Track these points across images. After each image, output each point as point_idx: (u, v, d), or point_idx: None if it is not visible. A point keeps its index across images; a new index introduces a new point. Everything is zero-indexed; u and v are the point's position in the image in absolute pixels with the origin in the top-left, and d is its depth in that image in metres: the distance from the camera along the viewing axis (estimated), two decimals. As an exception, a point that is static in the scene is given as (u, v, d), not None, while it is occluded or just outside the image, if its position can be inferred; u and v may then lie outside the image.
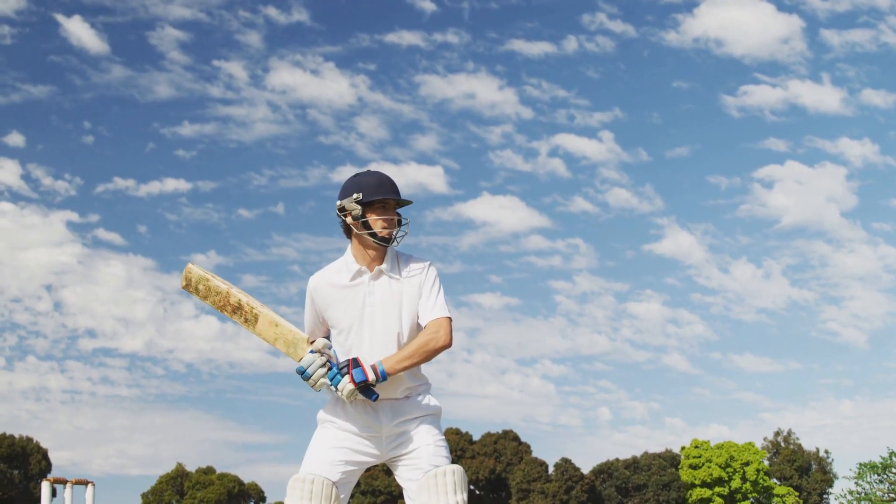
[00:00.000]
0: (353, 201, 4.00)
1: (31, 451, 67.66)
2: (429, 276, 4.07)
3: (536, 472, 69.20)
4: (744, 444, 71.20)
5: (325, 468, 4.00)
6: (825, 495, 73.49)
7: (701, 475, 69.12)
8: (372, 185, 4.02)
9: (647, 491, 70.66)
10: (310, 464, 4.02)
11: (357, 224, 4.01)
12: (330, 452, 4.03)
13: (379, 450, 4.07)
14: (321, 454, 4.04)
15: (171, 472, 72.26)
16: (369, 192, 4.00)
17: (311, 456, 4.05)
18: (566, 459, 70.78)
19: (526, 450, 71.77)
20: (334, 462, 4.02)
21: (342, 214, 4.06)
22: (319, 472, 3.97)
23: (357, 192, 4.01)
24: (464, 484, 3.97)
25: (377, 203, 4.01)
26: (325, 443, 4.07)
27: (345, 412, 4.08)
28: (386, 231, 4.00)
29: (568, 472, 69.83)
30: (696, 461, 70.03)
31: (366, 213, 4.00)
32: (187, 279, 4.25)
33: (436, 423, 4.14)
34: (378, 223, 4.00)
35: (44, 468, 67.54)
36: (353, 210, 3.99)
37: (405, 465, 4.04)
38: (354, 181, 4.06)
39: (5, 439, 66.70)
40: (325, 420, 4.13)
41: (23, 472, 67.11)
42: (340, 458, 4.03)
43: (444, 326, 3.97)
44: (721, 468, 69.06)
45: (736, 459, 69.41)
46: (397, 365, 3.89)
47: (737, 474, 69.11)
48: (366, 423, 4.05)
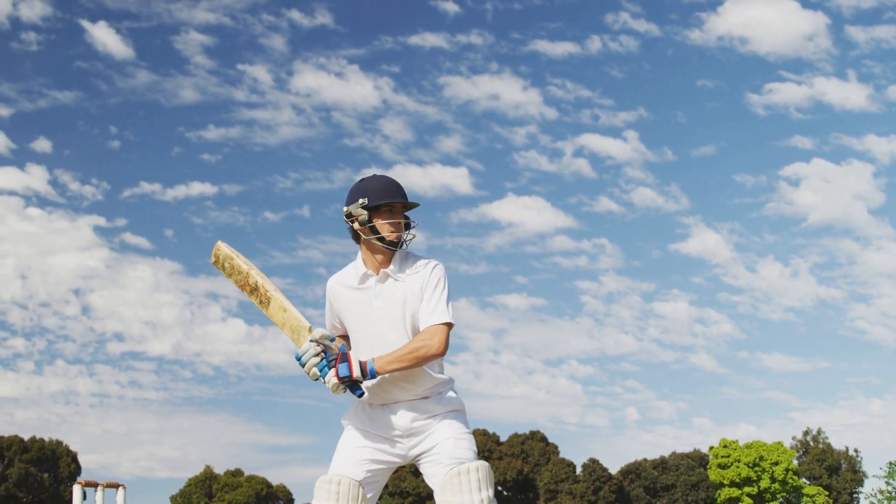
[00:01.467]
0: (358, 206, 3.97)
1: (61, 454, 68.03)
2: (431, 278, 3.98)
3: (564, 473, 69.03)
4: (773, 443, 70.76)
5: (350, 468, 3.98)
6: (855, 495, 72.98)
7: (730, 475, 68.74)
8: (377, 189, 4.00)
9: (676, 491, 70.39)
10: (336, 465, 4.03)
11: (364, 229, 3.98)
12: (355, 452, 4.03)
13: (401, 450, 4.03)
14: (346, 455, 4.04)
15: (200, 475, 72.54)
16: (375, 197, 3.97)
17: (337, 457, 4.06)
18: (594, 460, 70.61)
19: (553, 450, 71.62)
20: (359, 461, 4.01)
21: (349, 220, 4.04)
22: (345, 473, 3.97)
23: (362, 198, 3.98)
24: (489, 480, 3.89)
25: (383, 207, 3.98)
26: (350, 444, 4.07)
27: (366, 414, 4.08)
28: (394, 235, 3.97)
29: (596, 473, 69.62)
30: (725, 461, 69.64)
31: (372, 217, 3.98)
32: (216, 256, 4.36)
33: (458, 417, 4.07)
34: (385, 227, 3.97)
35: (73, 471, 67.94)
36: (360, 215, 3.97)
37: (428, 462, 3.98)
38: (359, 186, 4.04)
39: (35, 443, 67.11)
40: (349, 422, 4.15)
41: (52, 475, 67.51)
42: (365, 457, 4.02)
43: (439, 334, 3.87)
44: (750, 468, 68.67)
45: (765, 459, 68.99)
46: (387, 366, 3.82)
47: (766, 474, 68.70)
48: (385, 423, 4.02)
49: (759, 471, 68.81)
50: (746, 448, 70.14)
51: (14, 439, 66.23)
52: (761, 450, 69.72)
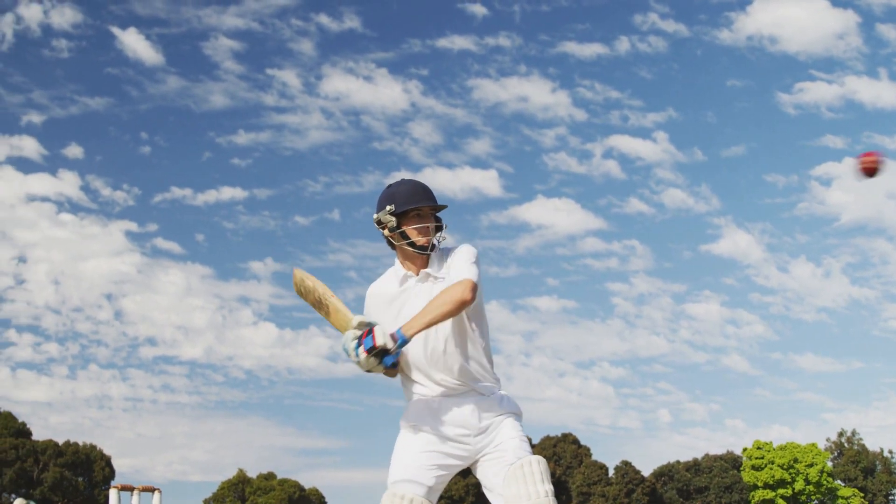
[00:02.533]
0: (387, 213, 3.98)
1: (95, 458, 68.44)
2: (457, 254, 3.98)
3: (596, 476, 68.86)
4: (806, 445, 70.34)
5: (419, 474, 3.84)
6: (891, 496, 72.51)
7: (763, 477, 68.37)
8: (404, 194, 3.99)
9: (709, 493, 70.06)
10: (402, 470, 3.87)
11: (395, 235, 3.99)
12: (421, 458, 3.88)
13: (468, 451, 3.92)
14: (413, 459, 3.89)
15: (233, 479, 72.78)
16: (402, 203, 3.97)
17: (400, 462, 3.90)
18: (626, 462, 70.41)
19: (586, 453, 71.46)
20: (427, 467, 3.87)
21: (380, 227, 4.05)
22: (414, 478, 3.83)
23: (390, 204, 3.98)
24: (549, 474, 3.87)
25: (411, 212, 3.98)
26: (414, 447, 3.91)
27: (432, 414, 3.95)
28: (424, 239, 3.97)
29: (628, 475, 69.40)
30: (759, 462, 69.26)
31: (401, 223, 3.98)
32: (295, 283, 4.29)
33: (518, 419, 4.05)
34: (414, 232, 3.97)
35: (107, 475, 68.35)
36: (389, 222, 3.97)
37: (490, 459, 3.90)
38: (387, 193, 4.04)
39: (69, 447, 67.56)
40: (410, 424, 3.99)
41: (87, 479, 67.94)
42: (434, 462, 3.89)
43: (463, 283, 3.79)
44: (784, 469, 68.25)
45: (799, 461, 68.54)
46: (415, 325, 3.73)
47: (800, 476, 68.28)
48: (455, 422, 3.91)
49: (793, 473, 68.39)
50: (780, 450, 69.73)
51: (49, 443, 66.69)
52: (795, 451, 69.30)
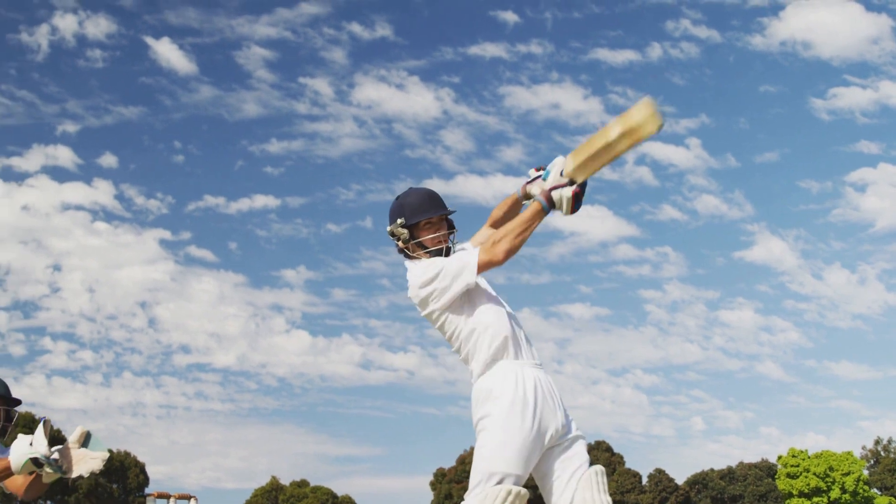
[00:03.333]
0: (398, 226, 4.06)
1: (129, 465, 68.78)
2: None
3: (630, 484, 68.47)
4: (842, 453, 69.54)
5: (524, 468, 3.72)
6: (928, 505, 71.55)
7: (798, 485, 67.64)
8: (413, 206, 4.07)
9: (744, 501, 69.56)
10: (509, 461, 3.70)
11: (410, 245, 4.08)
12: (528, 452, 3.73)
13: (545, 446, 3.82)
14: (522, 450, 3.72)
15: (266, 486, 73.00)
16: (411, 215, 4.05)
17: (511, 451, 3.71)
18: (660, 470, 70.03)
19: (619, 461, 71.08)
20: (529, 463, 3.74)
21: (394, 239, 4.12)
22: (520, 473, 3.70)
23: (400, 217, 4.06)
24: None
25: (422, 223, 4.06)
26: (521, 436, 3.72)
27: (537, 397, 3.81)
28: (439, 246, 4.06)
29: (662, 483, 69.00)
30: (794, 470, 68.58)
31: (414, 233, 4.07)
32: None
33: None
34: (429, 241, 4.06)
35: (141, 482, 68.67)
36: (402, 234, 4.05)
37: (562, 454, 3.83)
38: (396, 205, 4.11)
39: (104, 454, 67.92)
40: (518, 402, 3.78)
41: (121, 486, 68.29)
42: (532, 460, 3.76)
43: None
44: (819, 478, 67.53)
45: (835, 469, 67.83)
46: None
47: (836, 484, 67.49)
48: (551, 421, 3.81)
49: (829, 481, 67.62)
50: (816, 458, 69.01)
51: (83, 450, 67.07)
52: (830, 459, 68.55)
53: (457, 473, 71.56)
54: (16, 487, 4.91)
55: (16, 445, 4.44)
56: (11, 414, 5.00)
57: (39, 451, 4.37)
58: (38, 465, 4.42)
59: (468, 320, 3.96)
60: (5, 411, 4.96)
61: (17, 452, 4.40)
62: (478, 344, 3.92)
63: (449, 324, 4.00)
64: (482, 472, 3.71)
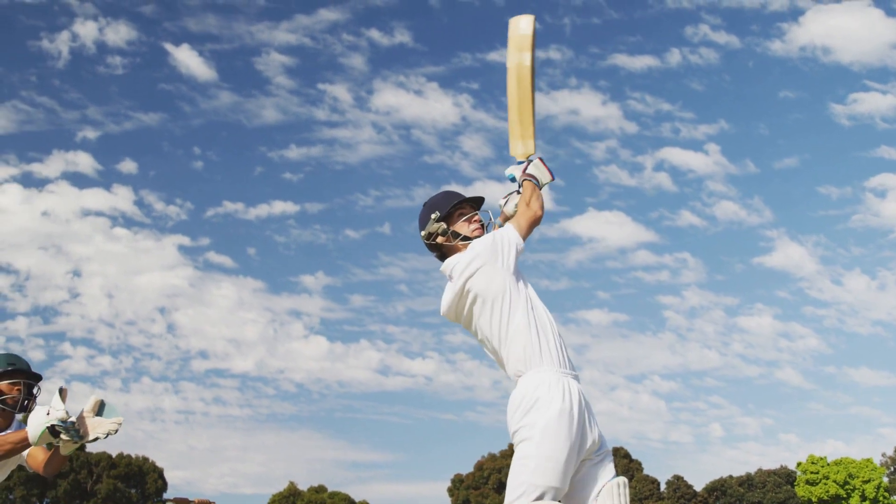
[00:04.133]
0: (434, 223, 4.15)
1: (148, 470, 69.01)
2: None
3: (648, 490, 68.25)
4: (861, 460, 69.15)
5: (565, 482, 3.67)
6: (949, 513, 71.06)
7: (818, 492, 67.29)
8: (442, 200, 4.21)
9: (763, 509, 69.18)
10: (554, 475, 3.65)
11: (448, 238, 4.15)
12: (569, 466, 3.68)
13: (579, 459, 3.78)
14: (563, 464, 3.67)
15: (284, 491, 73.09)
16: (444, 206, 4.18)
17: (555, 464, 3.66)
18: (678, 477, 69.81)
19: (637, 467, 70.86)
20: (569, 476, 3.69)
21: (431, 240, 4.20)
22: (561, 487, 3.66)
23: (434, 213, 4.17)
24: None
25: (455, 213, 4.19)
26: (567, 450, 3.67)
27: (581, 410, 3.78)
28: (477, 231, 4.16)
29: (680, 490, 68.76)
30: (814, 477, 68.24)
31: (450, 225, 4.16)
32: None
33: None
34: (464, 227, 4.16)
35: (160, 487, 68.88)
36: (439, 229, 4.14)
37: (592, 468, 3.81)
38: (426, 206, 4.23)
39: (122, 459, 68.18)
40: (565, 414, 3.72)
41: (140, 490, 68.49)
42: (571, 471, 3.71)
43: None
44: (839, 485, 67.16)
45: (855, 476, 67.43)
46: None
47: (856, 492, 67.11)
48: (589, 435, 3.80)
49: (848, 489, 67.25)
50: (835, 465, 68.65)
51: (102, 455, 67.36)
52: (850, 467, 68.17)
53: (474, 479, 71.51)
54: (37, 465, 4.94)
55: (32, 416, 4.47)
56: (34, 390, 4.99)
57: (58, 416, 4.39)
58: (54, 435, 4.43)
59: (513, 319, 3.89)
60: (27, 386, 4.95)
61: (34, 423, 4.43)
62: (524, 345, 3.85)
63: (492, 320, 3.91)
64: (525, 483, 3.64)
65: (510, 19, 4.32)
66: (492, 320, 3.92)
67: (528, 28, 4.32)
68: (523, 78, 4.31)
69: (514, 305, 3.90)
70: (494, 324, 3.92)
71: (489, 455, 73.39)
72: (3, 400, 4.88)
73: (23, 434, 4.48)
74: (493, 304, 3.91)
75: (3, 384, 4.91)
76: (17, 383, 4.93)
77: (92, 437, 4.45)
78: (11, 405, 4.88)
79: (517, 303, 3.90)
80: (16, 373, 4.94)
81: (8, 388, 4.90)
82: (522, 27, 4.35)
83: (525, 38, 4.29)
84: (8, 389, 4.90)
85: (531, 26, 4.33)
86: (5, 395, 4.90)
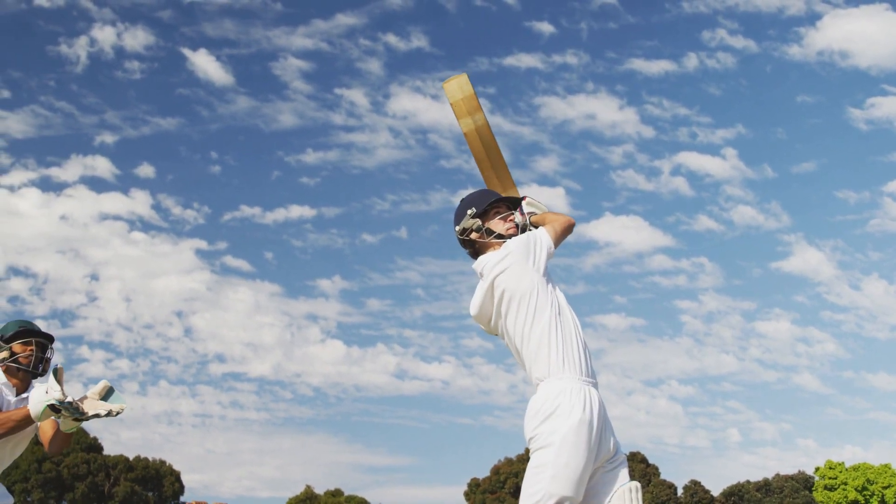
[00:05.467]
0: (469, 219, 4.15)
1: (165, 473, 69.25)
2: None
3: (665, 495, 68.00)
4: (880, 465, 68.72)
5: (580, 492, 3.65)
6: (969, 519, 70.51)
7: (837, 497, 66.91)
8: (479, 197, 4.23)
9: (781, 514, 68.82)
10: (570, 484, 3.62)
11: (482, 235, 4.16)
12: (585, 475, 3.66)
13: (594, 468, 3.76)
14: (580, 474, 3.65)
15: (301, 495, 73.14)
16: (480, 204, 4.19)
17: (573, 473, 3.63)
18: (695, 482, 69.54)
19: (654, 472, 70.64)
20: (584, 485, 3.67)
21: (465, 235, 4.19)
22: (576, 497, 3.62)
23: (469, 209, 4.16)
24: None
25: (491, 210, 4.20)
26: (584, 459, 3.65)
27: (600, 419, 3.76)
28: (512, 230, 4.16)
29: (697, 495, 68.49)
30: (832, 483, 67.86)
31: (485, 222, 4.18)
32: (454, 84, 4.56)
33: None
34: (499, 224, 4.18)
35: (177, 490, 69.14)
36: (473, 225, 4.14)
37: (605, 476, 3.78)
38: (462, 203, 4.25)
39: (139, 462, 68.45)
40: (584, 424, 3.69)
41: (157, 494, 68.74)
42: (586, 480, 3.69)
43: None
44: (858, 491, 66.76)
45: (874, 482, 67.01)
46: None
47: (874, 498, 66.68)
48: (605, 443, 3.78)
49: (867, 494, 66.84)
50: (853, 470, 68.25)
51: (119, 459, 67.65)
52: (868, 472, 67.76)
53: (491, 483, 71.43)
54: (46, 440, 5.04)
55: (33, 394, 4.57)
56: (48, 351, 5.14)
57: (54, 396, 4.47)
58: (55, 411, 4.52)
59: (537, 321, 3.86)
60: (40, 346, 5.10)
61: (35, 399, 4.53)
62: (547, 350, 3.82)
63: (517, 319, 3.90)
64: (542, 491, 3.61)
65: (444, 83, 4.45)
66: (517, 319, 3.90)
67: (468, 89, 4.47)
68: (485, 137, 4.46)
69: (541, 307, 3.88)
70: (519, 323, 3.90)
71: (506, 459, 73.33)
72: (16, 360, 5.03)
73: (24, 411, 4.60)
74: (520, 303, 3.89)
75: (16, 345, 5.08)
76: (30, 343, 5.09)
77: (91, 414, 4.54)
78: (25, 365, 5.04)
79: (543, 305, 3.88)
80: (28, 333, 5.10)
81: (21, 348, 5.07)
82: (464, 90, 4.49)
83: (471, 100, 4.43)
84: (21, 350, 5.07)
85: (470, 86, 4.46)
86: (18, 355, 5.05)
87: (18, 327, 5.10)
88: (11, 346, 5.06)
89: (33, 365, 5.05)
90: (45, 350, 5.12)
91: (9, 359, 5.04)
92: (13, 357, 5.04)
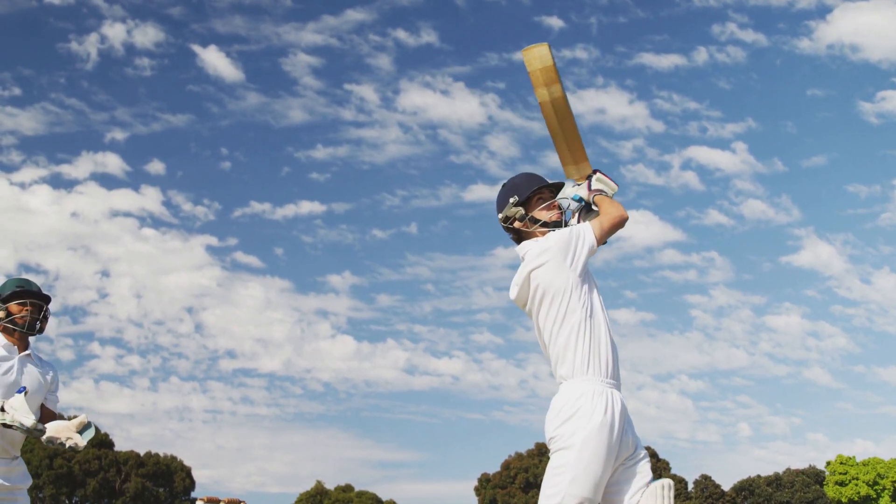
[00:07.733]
0: (512, 206, 4.09)
1: (176, 469, 69.44)
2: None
3: (676, 490, 67.76)
4: (891, 460, 68.52)
5: (599, 494, 3.67)
6: (980, 513, 70.30)
7: (848, 492, 66.75)
8: (522, 184, 4.14)
9: (792, 509, 68.72)
10: (590, 486, 3.65)
11: (526, 223, 4.11)
12: (604, 477, 3.68)
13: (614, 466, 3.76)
14: (600, 476, 3.67)
15: (311, 490, 73.28)
16: (523, 190, 4.11)
17: (593, 475, 3.65)
18: (706, 476, 69.53)
19: (664, 466, 70.59)
20: (603, 487, 3.69)
21: (508, 223, 4.14)
22: (595, 498, 3.65)
23: (513, 196, 4.10)
24: None
25: (534, 198, 4.12)
26: (604, 462, 3.67)
27: (622, 422, 3.77)
28: (555, 215, 4.12)
29: (708, 490, 68.45)
30: (843, 478, 67.71)
31: (528, 210, 4.10)
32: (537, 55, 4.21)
33: None
34: (543, 213, 4.10)
35: (188, 486, 69.32)
36: (517, 213, 4.09)
37: (626, 471, 3.79)
38: (505, 190, 4.17)
39: (151, 458, 68.64)
40: (606, 426, 3.70)
41: (168, 489, 68.97)
42: (605, 481, 3.71)
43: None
44: (868, 486, 66.60)
45: (885, 477, 66.84)
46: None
47: (886, 492, 66.54)
48: (626, 441, 3.78)
49: (878, 489, 66.69)
50: (864, 465, 68.09)
51: (130, 454, 67.89)
52: (878, 467, 67.59)
53: (501, 479, 71.46)
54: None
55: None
56: (45, 311, 5.22)
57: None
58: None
59: (567, 320, 3.86)
60: (36, 307, 5.17)
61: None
62: (573, 351, 3.82)
63: (548, 315, 3.89)
64: (562, 493, 3.64)
65: (524, 51, 4.16)
66: (548, 315, 3.90)
67: (548, 59, 4.14)
68: (560, 109, 4.22)
69: (572, 308, 3.86)
70: (549, 320, 3.90)
71: (516, 454, 73.38)
72: (13, 320, 5.11)
73: None
74: (553, 301, 3.88)
75: (13, 305, 5.15)
76: (26, 304, 5.16)
77: (47, 435, 4.84)
78: (21, 325, 5.11)
79: (575, 305, 3.86)
80: (24, 294, 5.17)
81: (17, 308, 5.15)
82: (543, 60, 4.15)
83: (549, 71, 4.13)
84: (17, 310, 5.14)
85: (550, 56, 4.16)
86: (14, 315, 5.13)
87: (16, 286, 5.17)
88: (8, 306, 5.13)
89: (29, 325, 5.12)
90: (41, 311, 5.19)
91: (5, 319, 5.12)
92: (9, 317, 5.12)
